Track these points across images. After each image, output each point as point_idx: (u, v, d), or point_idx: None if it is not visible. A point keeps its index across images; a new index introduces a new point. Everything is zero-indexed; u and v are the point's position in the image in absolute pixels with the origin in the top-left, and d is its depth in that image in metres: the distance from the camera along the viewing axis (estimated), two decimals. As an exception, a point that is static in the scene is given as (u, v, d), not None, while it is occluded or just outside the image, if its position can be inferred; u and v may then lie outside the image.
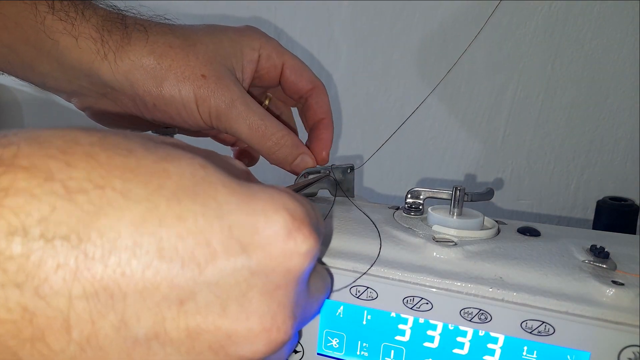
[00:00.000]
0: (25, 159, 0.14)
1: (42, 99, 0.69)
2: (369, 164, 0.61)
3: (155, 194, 0.15)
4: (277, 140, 0.32)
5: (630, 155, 0.53)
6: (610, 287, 0.23)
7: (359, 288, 0.26)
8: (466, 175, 0.59)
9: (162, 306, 0.15)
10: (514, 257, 0.26)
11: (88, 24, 0.29)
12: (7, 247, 0.13)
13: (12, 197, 0.14)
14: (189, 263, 0.15)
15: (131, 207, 0.15)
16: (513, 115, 0.55)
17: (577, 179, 0.56)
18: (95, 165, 0.15)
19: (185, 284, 0.15)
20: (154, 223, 0.15)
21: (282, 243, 0.17)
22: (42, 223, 0.14)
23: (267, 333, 0.17)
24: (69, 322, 0.14)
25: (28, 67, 0.30)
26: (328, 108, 0.36)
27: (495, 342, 0.25)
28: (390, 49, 0.56)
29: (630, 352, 0.22)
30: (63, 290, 0.14)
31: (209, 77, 0.30)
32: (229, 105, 0.31)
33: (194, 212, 0.16)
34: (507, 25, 0.52)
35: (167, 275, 0.15)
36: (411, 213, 0.31)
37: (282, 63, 0.35)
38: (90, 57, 0.29)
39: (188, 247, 0.15)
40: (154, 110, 0.31)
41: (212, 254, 0.16)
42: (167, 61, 0.30)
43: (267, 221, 0.17)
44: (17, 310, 0.14)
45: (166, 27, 0.31)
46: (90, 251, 0.14)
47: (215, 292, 0.16)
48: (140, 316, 0.15)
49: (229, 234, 0.16)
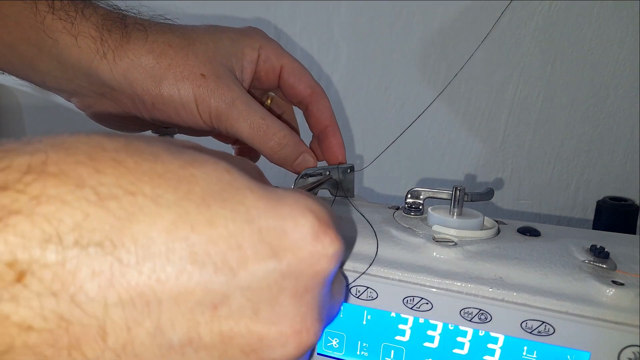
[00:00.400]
0: (54, 166, 0.14)
1: (43, 100, 0.69)
2: (369, 164, 0.61)
3: (184, 200, 0.15)
4: (278, 140, 0.32)
5: (630, 155, 0.53)
6: (610, 287, 0.23)
7: (359, 288, 0.26)
8: (466, 175, 0.59)
9: (196, 311, 0.15)
10: (514, 257, 0.26)
11: (88, 23, 0.29)
12: (42, 255, 0.13)
13: (44, 205, 0.13)
14: (221, 267, 0.15)
15: (162, 213, 0.15)
16: (513, 115, 0.55)
17: (577, 179, 0.56)
18: (124, 172, 0.15)
19: (219, 289, 0.15)
20: (185, 229, 0.15)
21: (311, 246, 0.17)
22: (76, 230, 0.14)
23: (297, 335, 0.17)
24: (105, 329, 0.14)
25: (28, 66, 0.30)
26: (330, 113, 0.36)
27: (495, 342, 0.25)
28: (390, 49, 0.56)
29: (630, 352, 0.22)
30: (99, 298, 0.14)
31: (209, 77, 0.30)
32: (229, 104, 0.31)
33: (224, 217, 0.16)
34: (507, 25, 0.52)
35: (200, 280, 0.15)
36: (411, 213, 0.31)
37: (280, 65, 0.34)
38: (89, 56, 0.29)
39: (220, 251, 0.15)
40: (152, 110, 0.31)
41: (244, 258, 0.16)
42: (166, 60, 0.30)
43: (295, 224, 0.17)
44: (53, 318, 0.14)
45: (166, 27, 0.31)
46: (125, 258, 0.14)
47: (247, 296, 0.16)
48: (175, 322, 0.15)
49: (259, 237, 0.16)
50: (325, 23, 0.57)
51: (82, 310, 0.14)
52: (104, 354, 0.14)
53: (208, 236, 0.15)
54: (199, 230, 0.15)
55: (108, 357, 0.14)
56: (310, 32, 0.58)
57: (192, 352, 0.16)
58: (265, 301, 0.16)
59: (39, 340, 0.14)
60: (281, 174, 0.61)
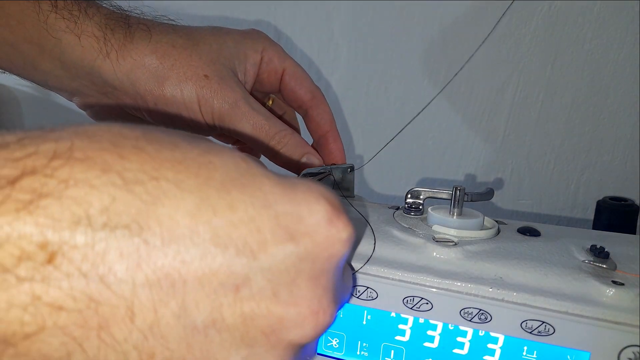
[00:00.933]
0: (80, 152, 0.14)
1: (42, 98, 0.69)
2: (369, 164, 0.61)
3: (205, 185, 0.16)
4: (281, 140, 0.32)
5: (630, 155, 0.53)
6: (610, 287, 0.23)
7: (359, 288, 0.26)
8: (466, 175, 0.59)
9: (219, 293, 0.16)
10: (514, 257, 0.26)
11: (91, 22, 0.29)
12: (72, 236, 0.14)
13: (73, 189, 0.14)
14: (243, 250, 0.16)
15: (185, 197, 0.15)
16: (513, 115, 0.55)
17: (577, 179, 0.56)
18: (147, 158, 0.15)
19: (241, 270, 0.16)
20: (208, 212, 0.15)
21: (326, 230, 0.17)
22: (105, 213, 0.14)
23: (315, 316, 0.18)
24: (133, 310, 0.14)
25: (30, 66, 0.30)
26: (330, 118, 0.36)
27: (495, 342, 0.25)
28: (390, 48, 0.56)
29: (630, 352, 0.22)
30: (127, 279, 0.14)
31: (212, 78, 0.30)
32: (232, 105, 0.31)
33: (244, 202, 0.16)
34: (507, 25, 0.52)
35: (223, 261, 0.15)
36: (411, 213, 0.31)
37: (282, 68, 0.34)
38: (92, 55, 0.29)
39: (241, 234, 0.16)
40: (155, 111, 0.31)
41: (264, 241, 0.16)
42: (169, 61, 0.30)
43: (310, 210, 0.17)
44: (83, 299, 0.14)
45: (169, 27, 0.31)
46: (151, 240, 0.14)
47: (267, 278, 0.16)
48: (199, 303, 0.15)
49: (277, 222, 0.17)
50: (325, 23, 0.57)
51: (111, 291, 0.14)
52: (131, 334, 0.15)
53: (229, 220, 0.16)
54: (221, 214, 0.16)
55: (135, 338, 0.15)
56: (310, 32, 0.58)
57: (215, 333, 0.16)
58: (284, 283, 0.17)
59: (69, 321, 0.14)
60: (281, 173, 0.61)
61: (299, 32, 0.58)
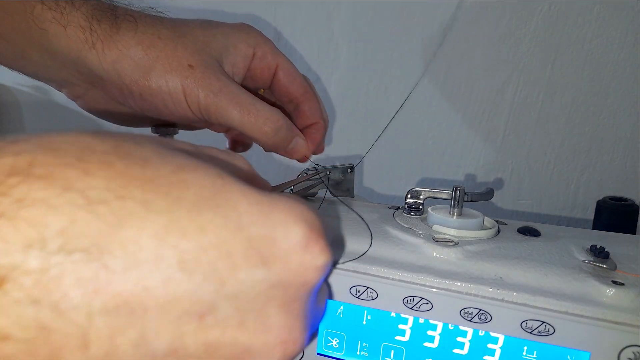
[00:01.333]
0: (40, 168, 0.14)
1: (42, 98, 0.69)
2: (369, 164, 0.61)
3: (175, 205, 0.15)
4: (270, 124, 0.32)
5: (630, 155, 0.53)
6: (610, 287, 0.23)
7: (359, 288, 0.26)
8: (466, 175, 0.59)
9: (182, 320, 0.15)
10: (514, 257, 0.26)
11: (77, 13, 0.28)
12: (24, 260, 0.13)
13: (28, 208, 0.13)
14: (211, 275, 0.15)
15: (153, 219, 0.14)
16: (513, 115, 0.55)
17: (577, 179, 0.56)
18: (114, 175, 0.15)
19: (207, 297, 0.15)
20: (176, 235, 0.15)
21: (300, 256, 0.17)
22: (62, 235, 0.13)
23: (283, 346, 0.17)
24: (88, 338, 0.14)
25: (19, 56, 0.30)
26: (320, 113, 0.36)
27: (495, 342, 0.25)
28: (390, 48, 0.56)
29: (630, 352, 0.22)
30: (83, 305, 0.13)
31: (197, 67, 0.30)
32: (216, 93, 0.30)
33: (215, 224, 0.15)
34: (507, 25, 0.52)
35: (188, 288, 0.15)
36: (411, 213, 0.31)
37: (276, 65, 0.34)
38: (78, 45, 0.29)
39: (210, 259, 0.15)
40: (141, 102, 0.31)
41: (234, 266, 0.15)
42: (154, 52, 0.30)
43: (286, 233, 0.17)
44: (33, 327, 0.13)
45: (156, 19, 0.31)
46: (112, 264, 0.14)
47: (235, 305, 0.16)
48: (160, 331, 0.15)
49: (249, 245, 0.16)
50: (325, 23, 0.57)
51: (64, 319, 0.13)
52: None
53: (198, 243, 0.15)
54: (190, 237, 0.15)
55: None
56: (310, 32, 0.58)
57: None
58: (253, 311, 0.16)
59: (16, 350, 0.13)
60: (281, 173, 0.61)
61: (299, 32, 0.58)
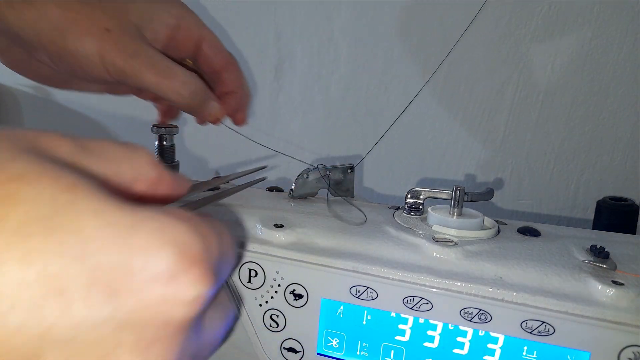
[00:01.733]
0: None
1: (42, 98, 0.69)
2: (369, 164, 0.61)
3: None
4: (186, 87, 0.31)
5: (630, 155, 0.53)
6: (610, 287, 0.23)
7: (359, 288, 0.26)
8: (466, 175, 0.59)
9: None
10: (514, 257, 0.26)
11: None
12: None
13: None
14: (33, 316, 0.12)
15: None
16: (513, 115, 0.55)
17: (577, 179, 0.56)
18: None
19: (28, 345, 0.12)
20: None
21: (162, 288, 0.14)
22: None
23: None
24: None
25: None
26: (240, 83, 0.36)
27: (495, 342, 0.25)
28: (390, 48, 0.56)
29: (630, 352, 0.22)
30: None
31: (113, 30, 0.30)
32: (132, 55, 0.30)
33: (46, 252, 0.12)
34: (507, 25, 0.52)
35: (4, 334, 0.12)
36: (411, 213, 0.31)
37: (201, 37, 0.34)
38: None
39: (34, 297, 0.12)
40: (59, 62, 0.31)
41: (66, 304, 0.13)
42: (71, 14, 0.29)
43: (146, 261, 0.13)
44: None
45: None
46: None
47: (66, 352, 0.13)
48: None
49: (93, 278, 0.13)
50: (325, 23, 0.57)
51: None
52: None
53: (18, 278, 0.12)
54: (7, 269, 0.12)
55: None
56: (310, 32, 0.58)
57: None
58: (95, 358, 0.13)
59: None
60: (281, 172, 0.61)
61: (299, 32, 0.58)
